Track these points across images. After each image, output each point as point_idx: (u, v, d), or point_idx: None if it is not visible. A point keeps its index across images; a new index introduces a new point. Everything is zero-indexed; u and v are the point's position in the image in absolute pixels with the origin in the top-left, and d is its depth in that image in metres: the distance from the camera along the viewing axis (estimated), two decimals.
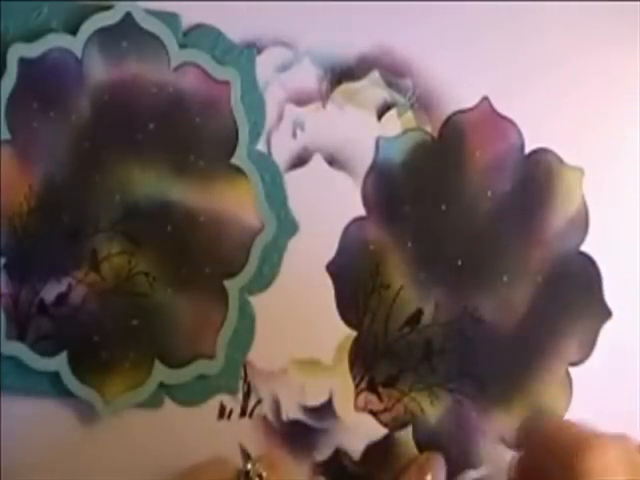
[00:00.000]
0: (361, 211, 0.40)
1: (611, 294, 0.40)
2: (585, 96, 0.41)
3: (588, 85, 0.41)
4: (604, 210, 0.41)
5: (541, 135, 0.41)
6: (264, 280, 0.39)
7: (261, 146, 0.39)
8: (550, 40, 0.41)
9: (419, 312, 0.40)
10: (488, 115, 0.41)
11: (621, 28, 0.41)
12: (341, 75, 0.40)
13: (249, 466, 0.33)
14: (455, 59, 0.40)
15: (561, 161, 0.41)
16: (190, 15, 0.38)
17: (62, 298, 0.38)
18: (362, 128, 0.40)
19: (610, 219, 0.41)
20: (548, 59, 0.41)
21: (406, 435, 0.40)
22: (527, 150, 0.41)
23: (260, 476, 0.33)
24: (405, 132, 0.40)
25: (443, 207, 0.40)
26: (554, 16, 0.41)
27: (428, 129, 0.40)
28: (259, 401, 0.39)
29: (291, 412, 0.40)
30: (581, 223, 0.41)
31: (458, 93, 0.40)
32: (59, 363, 0.38)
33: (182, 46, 0.38)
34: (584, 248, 0.41)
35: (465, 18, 0.40)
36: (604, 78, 0.41)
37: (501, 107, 0.40)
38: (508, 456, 0.40)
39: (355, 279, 0.40)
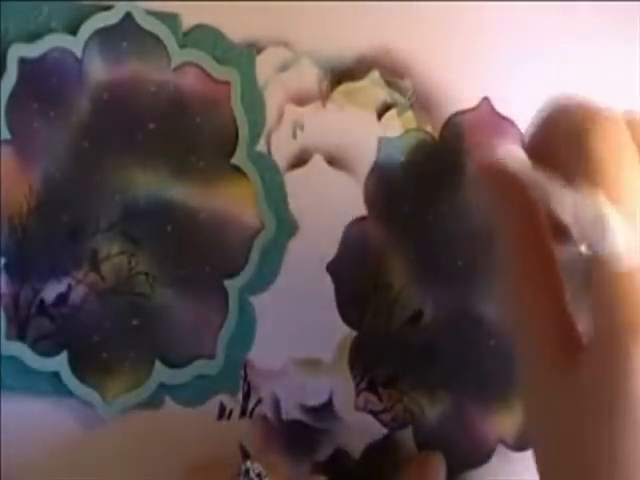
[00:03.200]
0: (361, 211, 0.40)
1: None
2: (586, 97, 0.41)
3: (590, 86, 0.41)
4: None
5: None
6: (264, 280, 0.39)
7: (261, 146, 0.39)
8: (551, 40, 0.41)
9: (419, 312, 0.40)
10: (489, 115, 0.41)
11: (623, 28, 0.41)
12: (341, 75, 0.40)
13: (248, 466, 0.33)
14: (455, 59, 0.40)
15: None
16: (190, 15, 0.38)
17: (62, 298, 0.38)
18: (362, 128, 0.40)
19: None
20: (549, 60, 0.41)
21: (406, 435, 0.40)
22: None
23: (259, 476, 0.33)
24: (406, 132, 0.40)
25: (444, 207, 0.40)
26: (555, 16, 0.41)
27: (428, 129, 0.40)
28: (259, 401, 0.39)
29: (291, 412, 0.40)
30: None
31: (458, 93, 0.40)
32: (59, 363, 0.38)
33: (182, 46, 0.38)
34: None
35: (465, 18, 0.40)
36: (606, 79, 0.41)
37: (502, 107, 0.40)
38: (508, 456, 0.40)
39: (356, 279, 0.40)
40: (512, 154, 0.30)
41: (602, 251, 0.24)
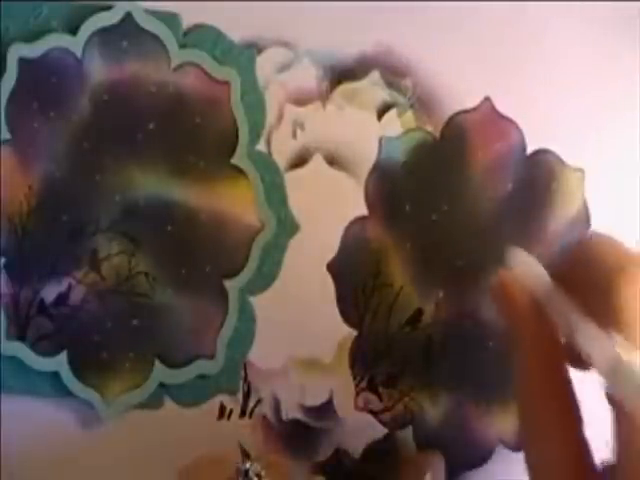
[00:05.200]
0: (361, 211, 0.40)
1: None
2: (587, 97, 0.41)
3: (590, 86, 0.41)
4: (605, 211, 0.41)
5: (542, 136, 0.41)
6: (264, 280, 0.39)
7: (261, 146, 0.39)
8: (552, 40, 0.41)
9: (419, 312, 0.40)
10: (490, 115, 0.40)
11: (623, 28, 0.41)
12: (341, 75, 0.40)
13: (248, 465, 0.34)
14: (455, 59, 0.40)
15: (562, 162, 0.41)
16: (190, 15, 0.38)
17: (62, 298, 0.38)
18: (362, 128, 0.40)
19: (611, 220, 0.41)
20: (550, 60, 0.41)
21: (406, 435, 0.40)
22: (528, 151, 0.41)
23: (259, 476, 0.33)
24: (407, 132, 0.40)
25: (444, 207, 0.40)
26: (555, 16, 0.41)
27: (428, 129, 0.40)
28: (259, 401, 0.39)
29: (291, 412, 0.40)
30: (582, 224, 0.41)
31: (458, 93, 0.40)
32: (59, 363, 0.38)
33: (182, 46, 0.38)
34: None
35: (466, 18, 0.40)
36: (606, 79, 0.41)
37: (503, 107, 0.40)
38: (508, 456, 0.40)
39: (356, 279, 0.40)
40: (528, 270, 0.30)
41: (618, 395, 0.25)
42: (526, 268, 0.29)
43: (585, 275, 0.27)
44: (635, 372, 0.24)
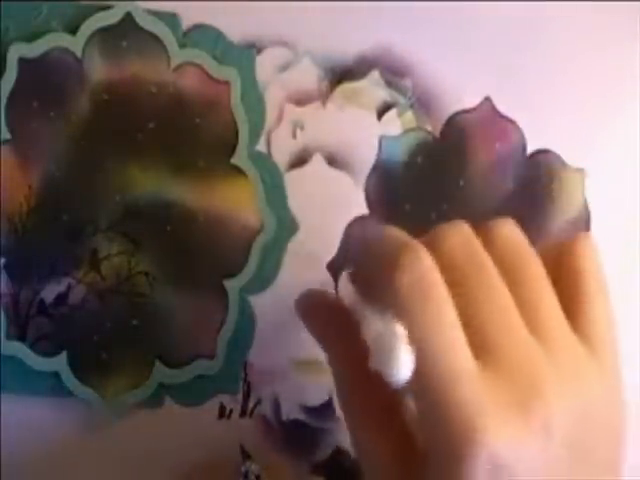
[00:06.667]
0: (361, 211, 0.40)
1: (611, 296, 0.40)
2: (588, 97, 0.41)
3: (591, 86, 0.41)
4: (606, 212, 0.41)
5: (543, 136, 0.40)
6: (264, 280, 0.39)
7: (261, 146, 0.39)
8: (552, 40, 0.41)
9: None
10: (490, 115, 0.40)
11: (623, 28, 0.41)
12: (341, 75, 0.40)
13: (247, 467, 0.33)
14: (455, 59, 0.40)
15: (563, 162, 0.41)
16: (190, 15, 0.38)
17: (62, 298, 0.38)
18: (362, 128, 0.40)
19: (611, 221, 0.41)
20: (550, 59, 0.41)
21: None
22: (529, 151, 0.41)
23: (258, 478, 0.33)
24: (407, 132, 0.40)
25: (444, 207, 0.40)
26: (556, 16, 0.41)
27: (428, 129, 0.40)
28: (259, 401, 0.39)
29: (291, 412, 0.40)
30: (582, 225, 0.41)
31: (458, 93, 0.40)
32: (59, 363, 0.38)
33: (182, 46, 0.38)
34: None
35: (466, 18, 0.40)
36: (607, 79, 0.41)
37: (503, 108, 0.40)
38: None
39: None
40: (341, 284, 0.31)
41: (389, 376, 0.25)
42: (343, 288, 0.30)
43: (367, 268, 0.29)
44: (394, 344, 0.25)
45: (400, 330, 0.25)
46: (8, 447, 0.37)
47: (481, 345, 0.27)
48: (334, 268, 0.40)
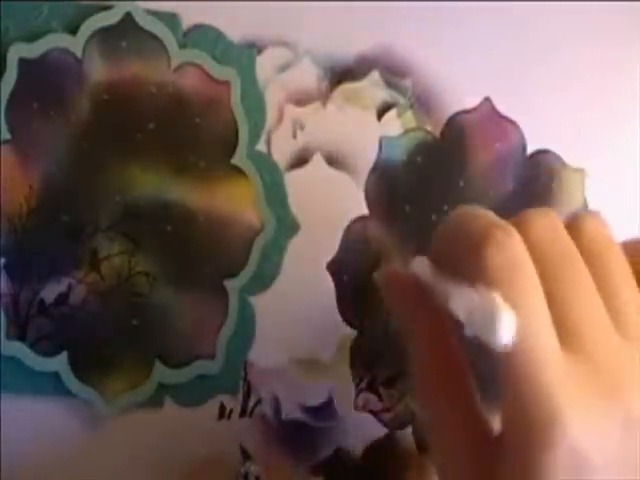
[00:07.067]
0: (361, 211, 0.40)
1: None
2: (588, 97, 0.41)
3: (591, 86, 0.41)
4: (606, 212, 0.41)
5: (543, 136, 0.41)
6: (264, 280, 0.39)
7: (261, 146, 0.39)
8: (552, 40, 0.41)
9: None
10: (490, 116, 0.40)
11: (623, 28, 0.41)
12: (341, 75, 0.40)
13: (247, 468, 0.33)
14: (455, 59, 0.40)
15: (563, 162, 0.41)
16: (190, 15, 0.38)
17: (62, 298, 0.38)
18: (362, 128, 0.40)
19: (611, 221, 0.41)
20: (550, 60, 0.41)
21: (406, 435, 0.40)
22: (529, 151, 0.41)
23: (258, 478, 0.33)
24: (407, 132, 0.40)
25: (444, 207, 0.40)
26: (556, 16, 0.41)
27: (428, 129, 0.40)
28: (259, 401, 0.39)
29: (291, 412, 0.40)
30: None
31: (458, 93, 0.40)
32: (59, 363, 0.38)
33: (182, 46, 0.38)
34: None
35: (466, 18, 0.40)
36: (607, 79, 0.41)
37: (503, 108, 0.40)
38: None
39: (356, 279, 0.40)
40: (416, 265, 0.30)
41: (493, 340, 0.25)
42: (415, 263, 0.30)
43: (457, 250, 0.28)
44: (507, 317, 0.24)
45: (497, 296, 0.25)
46: (8, 447, 0.37)
47: (566, 330, 0.26)
48: (334, 268, 0.40)
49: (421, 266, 0.29)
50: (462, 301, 0.26)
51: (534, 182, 0.41)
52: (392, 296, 0.31)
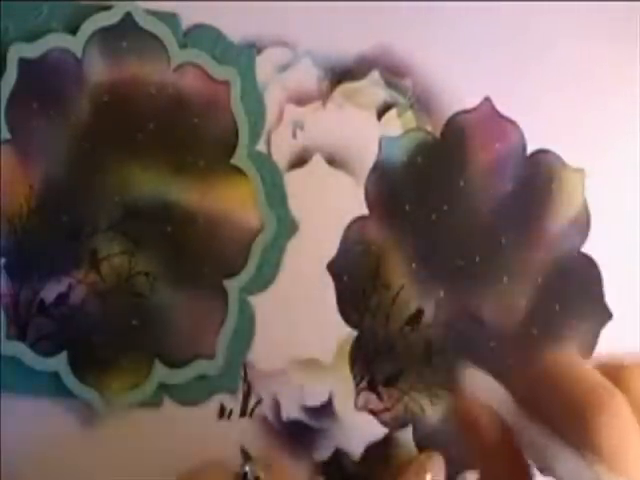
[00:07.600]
0: (361, 211, 0.40)
1: (612, 296, 0.40)
2: (588, 98, 0.41)
3: (591, 86, 0.41)
4: (605, 211, 0.41)
5: (543, 136, 0.41)
6: (264, 280, 0.39)
7: (261, 146, 0.39)
8: (552, 40, 0.41)
9: (420, 312, 0.40)
10: (490, 116, 0.40)
11: (623, 28, 0.41)
12: (341, 75, 0.40)
13: (247, 468, 0.33)
14: (455, 59, 0.40)
15: (563, 162, 0.41)
16: (190, 15, 0.38)
17: (62, 298, 0.38)
18: (362, 128, 0.40)
19: (611, 221, 0.41)
20: (551, 60, 0.41)
21: (406, 435, 0.40)
22: (529, 151, 0.41)
23: (258, 478, 0.33)
24: (407, 132, 0.40)
25: (444, 207, 0.40)
26: (556, 16, 0.41)
27: (428, 129, 0.40)
28: (259, 401, 0.39)
29: (291, 412, 0.40)
30: (582, 224, 0.41)
31: (458, 93, 0.40)
32: (59, 363, 0.38)
33: (182, 46, 0.38)
34: (585, 249, 0.41)
35: (466, 18, 0.40)
36: (607, 79, 0.41)
37: (502, 108, 0.40)
38: None
39: (356, 279, 0.40)
40: (487, 391, 0.30)
41: None
42: (485, 389, 0.29)
43: (554, 400, 0.27)
44: None
45: (604, 470, 0.25)
46: (8, 447, 0.37)
47: None
48: (334, 268, 0.40)
49: (505, 404, 0.29)
50: (568, 466, 0.26)
51: (534, 182, 0.41)
52: (473, 432, 0.30)
